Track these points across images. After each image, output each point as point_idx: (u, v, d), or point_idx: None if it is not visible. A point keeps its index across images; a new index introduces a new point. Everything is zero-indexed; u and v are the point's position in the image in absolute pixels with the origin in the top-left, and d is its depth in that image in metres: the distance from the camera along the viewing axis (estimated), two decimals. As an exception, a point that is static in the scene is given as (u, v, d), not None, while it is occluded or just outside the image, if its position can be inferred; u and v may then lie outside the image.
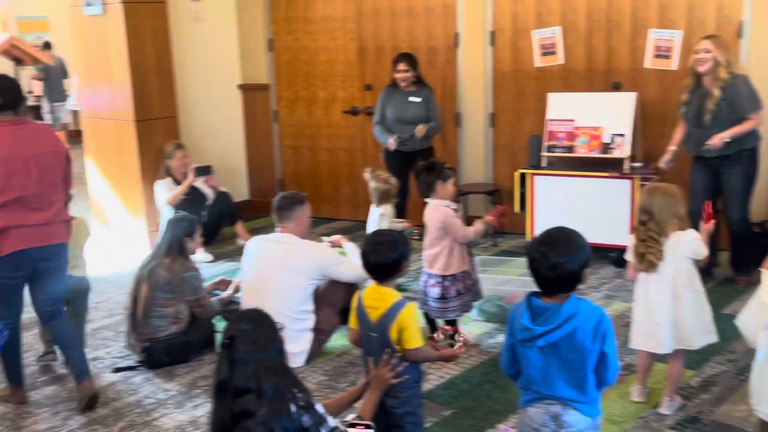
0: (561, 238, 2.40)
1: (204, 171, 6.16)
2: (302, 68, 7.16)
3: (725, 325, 4.34)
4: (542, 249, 2.37)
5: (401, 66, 5.83)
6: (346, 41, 6.89)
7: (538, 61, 6.15)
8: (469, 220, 4.52)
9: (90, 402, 3.74)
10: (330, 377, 4.04)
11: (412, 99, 5.87)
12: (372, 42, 6.78)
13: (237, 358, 2.22)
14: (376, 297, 2.90)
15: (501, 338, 4.45)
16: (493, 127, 6.46)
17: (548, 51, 6.12)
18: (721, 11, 5.51)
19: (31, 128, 3.69)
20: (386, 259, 2.85)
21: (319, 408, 2.33)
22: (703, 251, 3.36)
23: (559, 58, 6.07)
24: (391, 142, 5.82)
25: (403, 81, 5.83)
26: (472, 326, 4.59)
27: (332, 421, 2.38)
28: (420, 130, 5.79)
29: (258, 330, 2.30)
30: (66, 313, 3.93)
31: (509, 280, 4.85)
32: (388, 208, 4.96)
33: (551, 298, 2.41)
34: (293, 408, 2.22)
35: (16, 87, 3.73)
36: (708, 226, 3.47)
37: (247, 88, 7.39)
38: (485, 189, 6.37)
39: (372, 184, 4.98)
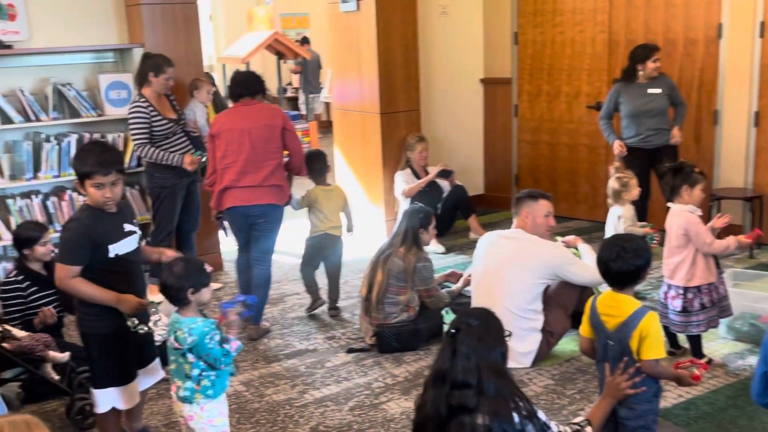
0: None
1: (446, 174, 6.29)
2: (547, 62, 6.99)
3: None
4: None
5: (657, 55, 5.47)
6: (595, 33, 6.61)
7: (817, 54, 5.46)
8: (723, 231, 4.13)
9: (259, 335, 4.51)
10: (557, 382, 3.91)
11: (651, 91, 5.50)
12: (623, 34, 6.43)
13: (460, 351, 2.22)
14: (612, 305, 2.75)
15: (752, 360, 4.02)
16: (758, 126, 5.85)
17: (830, 42, 5.41)
18: None
19: (256, 108, 4.42)
20: (629, 266, 2.70)
21: (542, 415, 2.28)
22: None
23: (844, 50, 5.34)
24: (616, 148, 5.52)
25: (656, 71, 5.48)
26: (719, 344, 4.20)
27: (555, 427, 2.34)
28: (676, 134, 5.45)
29: (485, 328, 2.27)
30: (269, 262, 4.61)
31: (765, 297, 4.36)
32: (628, 210, 4.69)
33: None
34: (515, 417, 2.18)
35: (255, 81, 4.47)
36: None
37: (489, 82, 7.37)
38: (743, 195, 5.79)
39: (610, 181, 4.75)
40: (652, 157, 5.42)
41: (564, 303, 4.12)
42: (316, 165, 4.87)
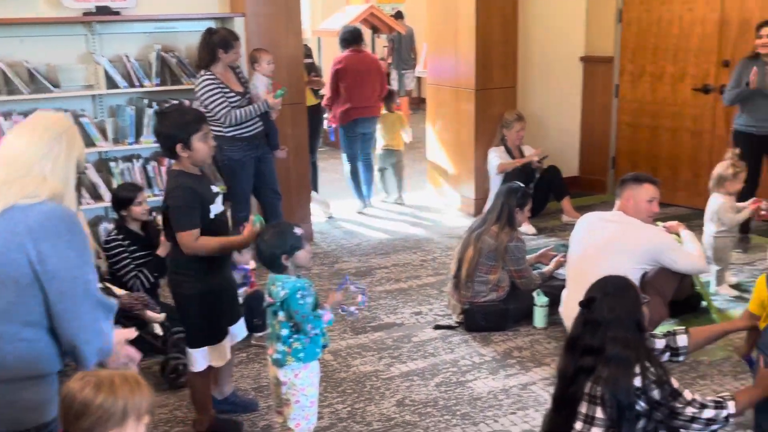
0: None
1: (542, 159, 6.18)
2: (651, 41, 6.70)
3: None
4: None
5: (765, 31, 5.16)
6: (706, 12, 6.28)
7: None
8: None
9: None
10: (651, 371, 3.77)
11: None
12: (737, 13, 6.10)
13: (591, 320, 2.35)
14: None
15: None
16: None
17: None
18: None
19: (364, 54, 6.69)
20: None
21: (674, 383, 2.35)
22: None
23: None
24: (753, 73, 5.15)
25: (764, 47, 5.16)
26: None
27: (689, 395, 2.37)
28: (754, 72, 5.12)
29: (619, 299, 2.38)
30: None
31: None
32: (728, 200, 4.53)
33: None
34: (637, 382, 2.26)
35: (357, 32, 6.64)
36: None
37: (589, 61, 7.14)
38: None
39: (718, 166, 4.57)
40: (761, 144, 5.12)
41: (662, 290, 3.96)
42: (387, 99, 6.84)
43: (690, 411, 2.35)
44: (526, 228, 5.81)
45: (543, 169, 6.24)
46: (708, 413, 2.37)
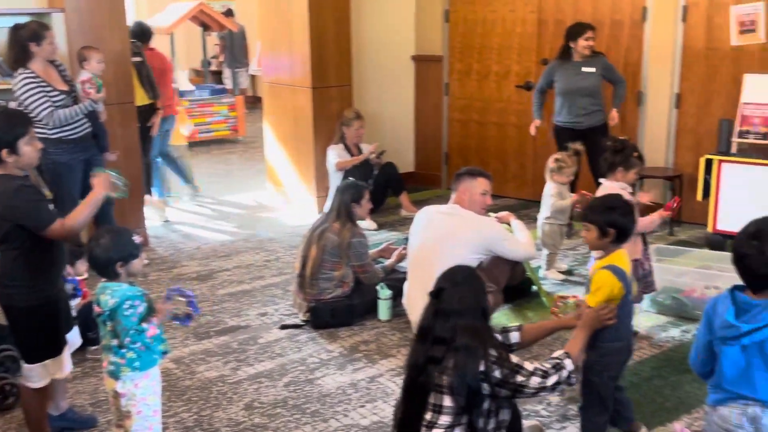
0: None
1: (380, 155, 6.30)
2: (477, 40, 7.03)
3: None
4: (755, 243, 2.16)
5: (590, 33, 5.57)
6: (526, 13, 6.67)
7: (735, 39, 5.66)
8: (646, 208, 4.26)
9: None
10: (490, 355, 3.96)
11: (585, 69, 5.62)
12: (552, 14, 6.53)
13: (441, 310, 2.42)
14: None
15: (675, 332, 4.18)
16: (679, 108, 6.05)
17: (747, 28, 5.61)
18: None
19: (156, 52, 6.57)
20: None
21: (514, 358, 2.46)
22: None
23: (760, 36, 5.55)
24: (532, 128, 5.72)
25: (587, 49, 5.58)
26: (643, 318, 4.34)
27: (530, 365, 2.48)
28: (615, 116, 5.62)
29: (467, 288, 2.46)
30: None
31: (687, 272, 4.53)
32: (556, 187, 4.87)
33: (759, 294, 2.19)
34: (482, 367, 2.36)
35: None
36: None
37: (420, 59, 7.37)
38: (665, 174, 5.99)
39: (549, 159, 4.92)
40: (582, 137, 5.51)
41: (497, 278, 4.16)
42: None
43: (535, 382, 2.46)
44: (368, 223, 5.91)
45: (381, 166, 6.37)
46: (552, 379, 2.50)
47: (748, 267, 2.19)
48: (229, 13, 11.93)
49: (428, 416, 2.42)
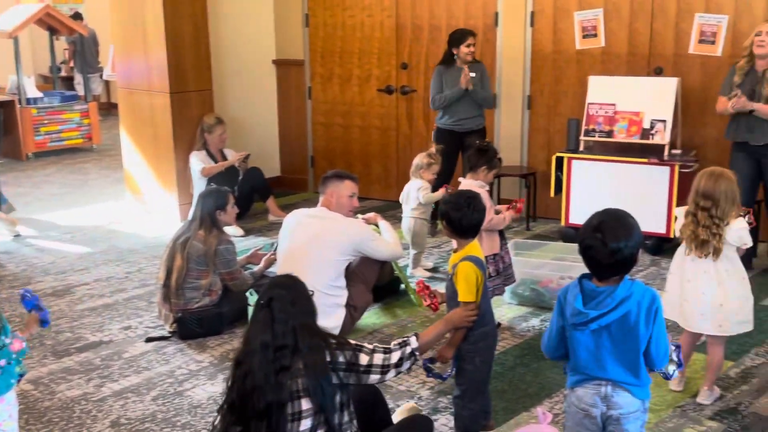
0: (617, 222, 2.33)
1: (244, 161, 6.24)
2: (338, 45, 7.10)
3: (764, 316, 4.27)
4: (598, 235, 2.30)
5: (471, 40, 5.73)
6: (383, 18, 6.81)
7: (579, 44, 6.04)
8: (502, 204, 4.46)
9: None
10: (362, 354, 4.01)
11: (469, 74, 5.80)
12: (409, 19, 6.70)
13: (277, 318, 2.36)
14: None
15: (535, 322, 4.40)
16: (530, 109, 6.37)
17: (589, 33, 6.00)
18: (772, -4, 5.36)
19: None
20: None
21: (352, 341, 2.52)
22: (749, 240, 3.29)
23: (601, 41, 5.96)
24: (465, 75, 5.62)
25: (469, 56, 5.74)
26: (504, 310, 4.54)
27: (370, 345, 2.54)
28: (466, 74, 5.63)
29: (296, 292, 2.44)
30: None
31: (543, 264, 4.78)
32: (426, 183, 5.05)
33: (603, 282, 2.35)
34: (328, 357, 2.39)
35: None
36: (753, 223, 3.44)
37: (281, 64, 7.35)
38: (520, 172, 6.29)
39: (417, 157, 5.11)
40: (461, 140, 5.65)
41: (366, 278, 4.24)
42: None
43: (379, 359, 2.51)
44: (234, 230, 5.82)
45: (246, 171, 6.30)
46: (396, 355, 2.56)
47: (593, 257, 2.33)
48: (77, 16, 11.41)
49: (288, 427, 2.35)
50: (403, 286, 4.80)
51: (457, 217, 2.93)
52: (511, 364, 3.89)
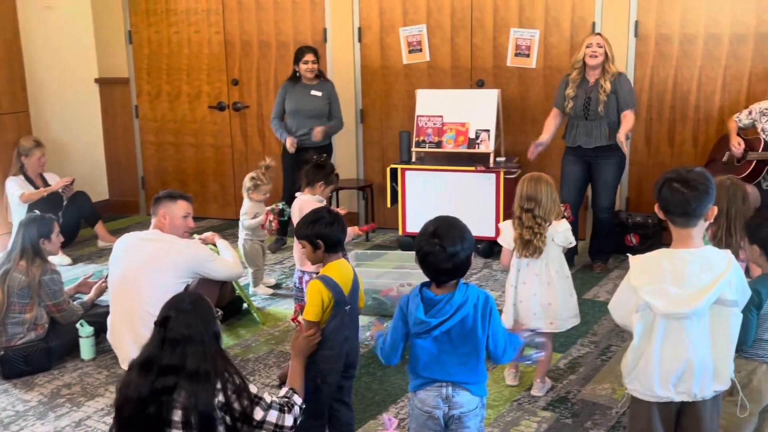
0: (451, 227, 2.41)
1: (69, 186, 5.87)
2: (165, 61, 6.90)
3: (587, 309, 4.61)
4: (436, 241, 2.37)
5: (309, 57, 5.74)
6: (211, 34, 6.70)
7: (406, 58, 6.24)
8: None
9: None
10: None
11: (314, 92, 5.81)
12: (238, 36, 6.64)
13: (168, 338, 2.27)
14: None
15: (377, 331, 4.47)
16: (363, 123, 6.50)
17: (415, 48, 6.23)
18: (575, 12, 5.80)
19: None
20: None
21: (253, 389, 2.39)
22: (573, 240, 3.54)
23: (426, 56, 6.19)
24: (290, 145, 5.73)
25: (309, 72, 5.75)
26: (348, 320, 4.57)
27: (268, 398, 2.44)
28: (318, 132, 5.73)
29: (194, 313, 2.32)
30: None
31: (384, 273, 4.88)
32: (252, 207, 4.98)
33: (441, 288, 2.43)
34: (220, 395, 2.28)
35: None
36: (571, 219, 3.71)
37: (104, 82, 7.04)
38: (357, 185, 6.40)
39: (246, 177, 5.00)
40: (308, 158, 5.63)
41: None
42: None
43: (273, 416, 2.43)
44: (60, 259, 5.48)
45: (71, 196, 5.96)
46: (289, 419, 2.48)
47: (432, 263, 2.40)
48: None
49: None
50: (245, 305, 4.73)
51: (328, 232, 2.89)
52: (358, 374, 3.91)
